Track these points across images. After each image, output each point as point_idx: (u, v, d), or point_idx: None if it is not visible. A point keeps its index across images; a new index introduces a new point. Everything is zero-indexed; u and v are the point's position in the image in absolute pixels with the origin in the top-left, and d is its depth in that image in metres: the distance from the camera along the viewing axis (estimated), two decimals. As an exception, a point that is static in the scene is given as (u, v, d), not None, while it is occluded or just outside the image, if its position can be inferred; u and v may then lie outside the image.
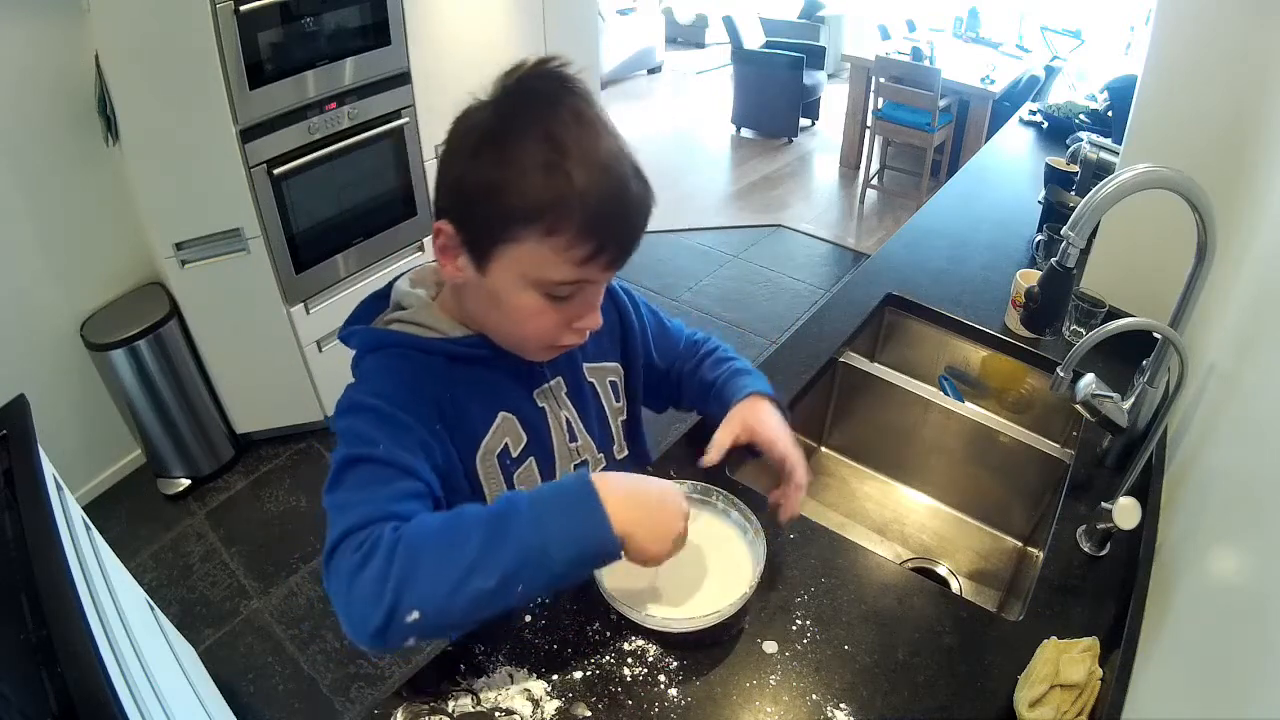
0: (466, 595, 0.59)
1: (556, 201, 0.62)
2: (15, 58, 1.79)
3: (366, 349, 0.75)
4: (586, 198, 0.62)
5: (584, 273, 0.65)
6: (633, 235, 0.67)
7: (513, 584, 0.61)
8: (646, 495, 0.68)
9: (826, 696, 0.77)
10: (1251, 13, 1.10)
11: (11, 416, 1.18)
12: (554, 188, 0.61)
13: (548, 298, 0.68)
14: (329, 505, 0.65)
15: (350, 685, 1.81)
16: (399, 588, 0.58)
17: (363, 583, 0.59)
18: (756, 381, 0.92)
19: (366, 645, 0.60)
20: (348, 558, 0.60)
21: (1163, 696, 0.65)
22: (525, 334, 0.72)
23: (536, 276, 0.66)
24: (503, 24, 2.63)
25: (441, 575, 0.59)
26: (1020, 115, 2.54)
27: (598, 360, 0.89)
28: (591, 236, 0.63)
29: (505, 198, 0.63)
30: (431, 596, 0.59)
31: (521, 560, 0.61)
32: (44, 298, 2.01)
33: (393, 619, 0.58)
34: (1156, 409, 1.04)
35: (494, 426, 0.78)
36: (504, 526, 0.62)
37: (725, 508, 0.87)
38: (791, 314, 3.28)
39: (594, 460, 0.89)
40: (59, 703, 0.84)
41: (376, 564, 0.59)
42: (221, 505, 2.30)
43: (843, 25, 6.38)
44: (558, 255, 0.64)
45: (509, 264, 0.66)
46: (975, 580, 1.28)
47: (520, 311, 0.69)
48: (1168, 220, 1.01)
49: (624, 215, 0.65)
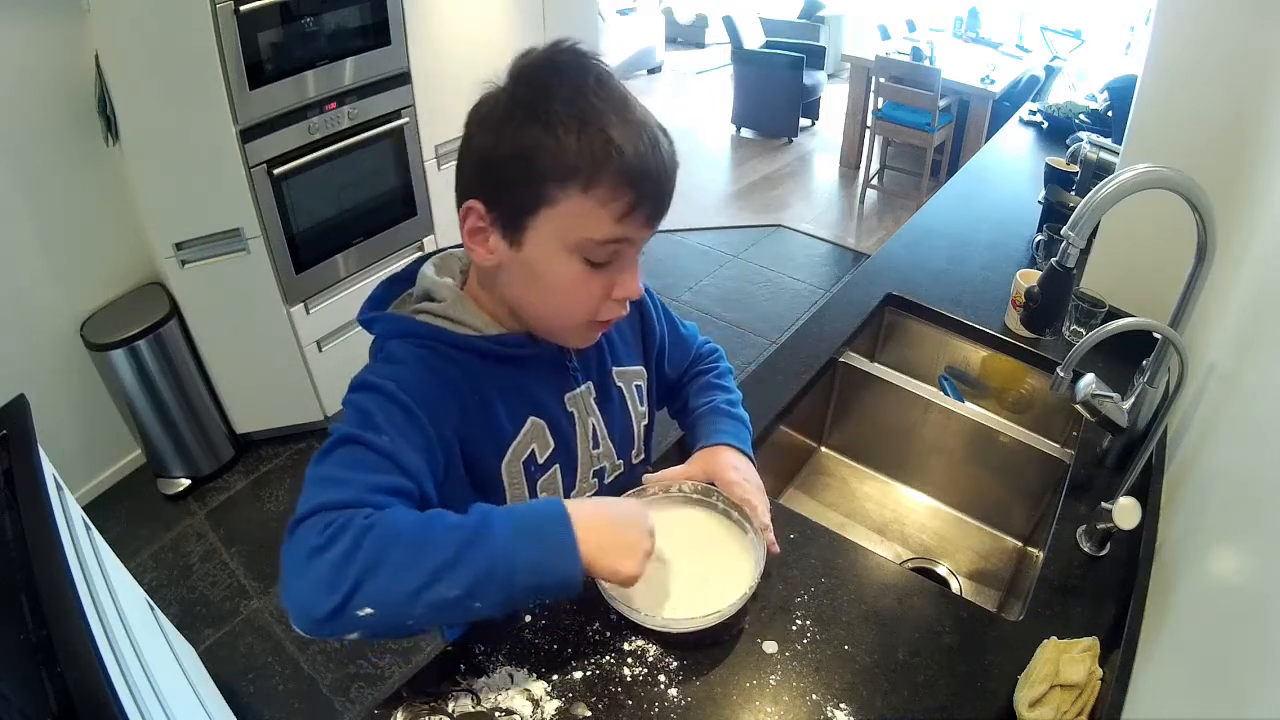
0: (426, 600, 0.58)
1: (593, 155, 0.61)
2: (15, 58, 1.79)
3: (389, 336, 0.72)
4: (624, 149, 0.62)
5: (624, 229, 0.65)
6: (668, 189, 0.66)
7: (472, 598, 0.60)
8: (612, 520, 0.68)
9: (826, 696, 0.77)
10: (1251, 13, 1.10)
11: (11, 416, 1.18)
12: (589, 142, 0.61)
13: (587, 263, 0.66)
14: (311, 475, 0.62)
15: (350, 685, 1.81)
16: (360, 579, 0.56)
17: (322, 564, 0.56)
18: (730, 431, 0.91)
19: (306, 628, 0.57)
20: (315, 535, 0.57)
21: (1163, 696, 0.65)
22: (567, 308, 0.70)
23: (577, 238, 0.65)
24: (503, 24, 2.63)
25: (406, 576, 0.58)
26: (1020, 115, 2.54)
27: (626, 364, 0.88)
28: (630, 188, 0.63)
29: (539, 159, 0.62)
30: (390, 595, 0.57)
31: (488, 577, 0.60)
32: (44, 298, 2.01)
33: (344, 609, 0.56)
34: (1156, 409, 1.04)
35: (523, 431, 0.76)
36: (477, 540, 0.61)
37: (725, 508, 0.87)
38: (791, 314, 3.28)
39: (612, 466, 0.88)
40: (59, 703, 0.84)
41: (341, 548, 0.57)
42: (221, 505, 2.30)
43: (843, 25, 6.38)
44: (598, 210, 0.63)
45: (546, 232, 0.65)
46: (975, 580, 1.28)
47: (560, 282, 0.67)
48: (1168, 220, 1.01)
49: (660, 169, 0.65)
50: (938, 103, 3.78)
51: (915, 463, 1.41)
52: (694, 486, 0.88)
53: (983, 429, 1.29)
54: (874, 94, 4.11)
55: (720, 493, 0.86)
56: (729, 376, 1.00)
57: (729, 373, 1.01)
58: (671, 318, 0.97)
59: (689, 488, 0.88)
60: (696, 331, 1.02)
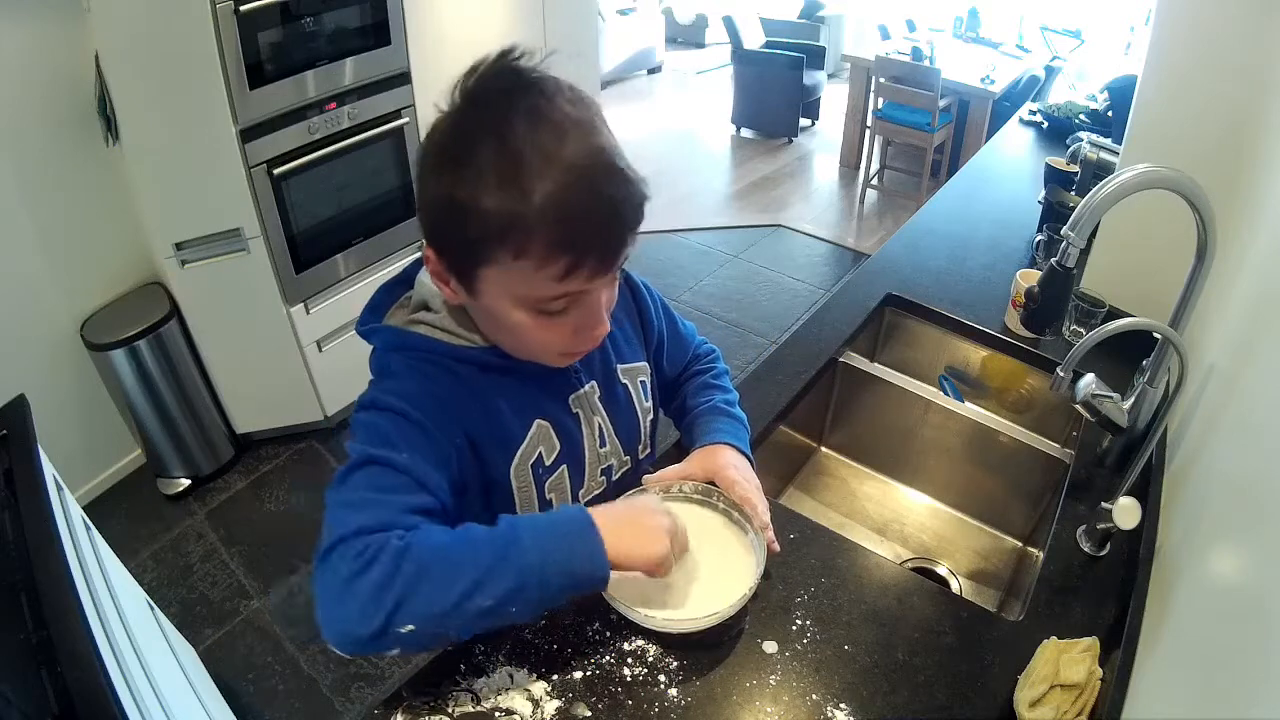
0: (465, 612, 0.60)
1: (515, 221, 0.57)
2: (15, 58, 1.79)
3: (389, 349, 0.72)
4: (547, 213, 0.56)
5: (567, 287, 0.61)
6: (613, 240, 0.61)
7: (508, 605, 0.62)
8: (631, 514, 0.71)
9: (826, 696, 0.77)
10: (1251, 13, 1.10)
11: (11, 416, 1.18)
12: (509, 206, 0.57)
13: (542, 314, 0.65)
14: (334, 500, 0.63)
15: (350, 685, 1.81)
16: (400, 598, 0.58)
17: (361, 588, 0.58)
18: (729, 430, 0.91)
19: (348, 649, 0.59)
20: (349, 561, 0.59)
21: (1163, 696, 0.65)
22: (533, 349, 0.70)
23: (522, 295, 0.63)
24: (503, 24, 2.63)
25: (445, 591, 0.60)
26: (1020, 115, 2.54)
27: (631, 360, 0.88)
28: (564, 251, 0.58)
29: (468, 220, 0.58)
30: (430, 610, 0.59)
31: (521, 583, 0.62)
32: (44, 298, 2.01)
33: (387, 629, 0.58)
34: (1156, 409, 1.04)
35: (530, 435, 0.76)
36: (510, 551, 0.63)
37: (726, 508, 0.86)
38: (791, 314, 3.28)
39: (619, 463, 0.88)
40: (59, 703, 0.84)
41: (379, 571, 0.58)
42: (221, 505, 2.30)
43: (843, 25, 6.38)
44: (536, 274, 0.60)
45: (494, 287, 0.63)
46: (975, 580, 1.28)
47: (520, 329, 0.66)
48: (1168, 220, 1.01)
49: (598, 222, 0.59)
50: (938, 103, 3.78)
51: (915, 463, 1.41)
52: (695, 486, 0.87)
53: (983, 429, 1.29)
54: (874, 94, 4.11)
55: (721, 493, 0.86)
56: (725, 377, 1.00)
57: (725, 373, 1.01)
58: (671, 315, 0.97)
59: (690, 488, 0.87)
60: (695, 331, 1.02)
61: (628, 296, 0.90)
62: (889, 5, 5.67)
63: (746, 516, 0.84)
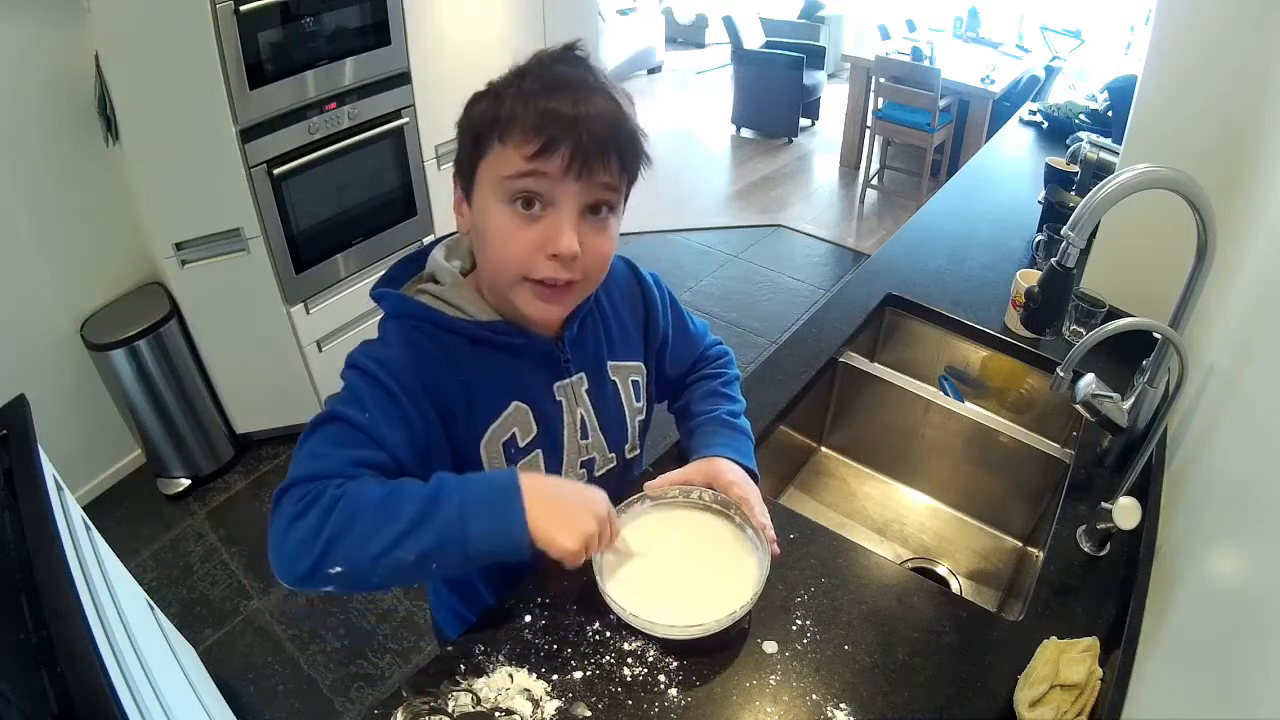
0: (386, 564, 0.65)
1: (513, 109, 0.67)
2: (15, 58, 1.79)
3: (392, 314, 0.77)
4: (535, 97, 0.66)
5: (533, 165, 0.67)
6: (589, 137, 0.66)
7: (428, 562, 0.67)
8: (565, 497, 0.74)
9: (826, 696, 0.77)
10: (1251, 13, 1.10)
11: (11, 416, 1.18)
12: (508, 97, 0.67)
13: (516, 212, 0.69)
14: (299, 448, 0.70)
15: (350, 685, 1.81)
16: (329, 543, 0.64)
17: (298, 530, 0.64)
18: (731, 445, 0.91)
19: (288, 583, 0.66)
20: (292, 504, 0.65)
21: (1163, 696, 0.65)
22: (501, 260, 0.72)
23: (498, 180, 0.69)
24: (503, 24, 2.63)
25: (368, 542, 0.65)
26: (1020, 115, 2.54)
27: (624, 359, 0.89)
28: (540, 133, 0.66)
29: (477, 119, 0.70)
30: (355, 558, 0.65)
31: (441, 544, 0.66)
32: (44, 298, 2.01)
33: (318, 569, 0.64)
34: (1156, 409, 1.04)
35: (504, 414, 0.79)
36: (431, 510, 0.67)
37: (742, 524, 0.86)
38: (791, 314, 3.28)
39: (603, 459, 0.89)
40: (59, 703, 0.84)
41: (313, 517, 0.64)
42: (221, 505, 2.30)
43: (843, 25, 6.38)
44: (512, 154, 0.67)
45: (483, 183, 0.71)
46: (975, 580, 1.28)
47: (495, 232, 0.71)
48: (1168, 220, 1.01)
49: (576, 119, 0.66)
50: (938, 103, 3.78)
51: (915, 463, 1.41)
52: (714, 496, 0.87)
53: (983, 429, 1.29)
54: (874, 94, 4.11)
55: (724, 498, 0.86)
56: (735, 385, 0.99)
57: (735, 380, 1.00)
58: (680, 314, 0.97)
59: (709, 496, 0.87)
60: (707, 330, 1.01)
61: (635, 296, 0.91)
62: (889, 5, 5.67)
63: (747, 519, 0.84)
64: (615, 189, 0.71)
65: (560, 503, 0.72)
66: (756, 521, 0.83)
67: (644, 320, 0.91)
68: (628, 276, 0.91)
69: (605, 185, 0.69)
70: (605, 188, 0.70)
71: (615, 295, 0.88)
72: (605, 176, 0.69)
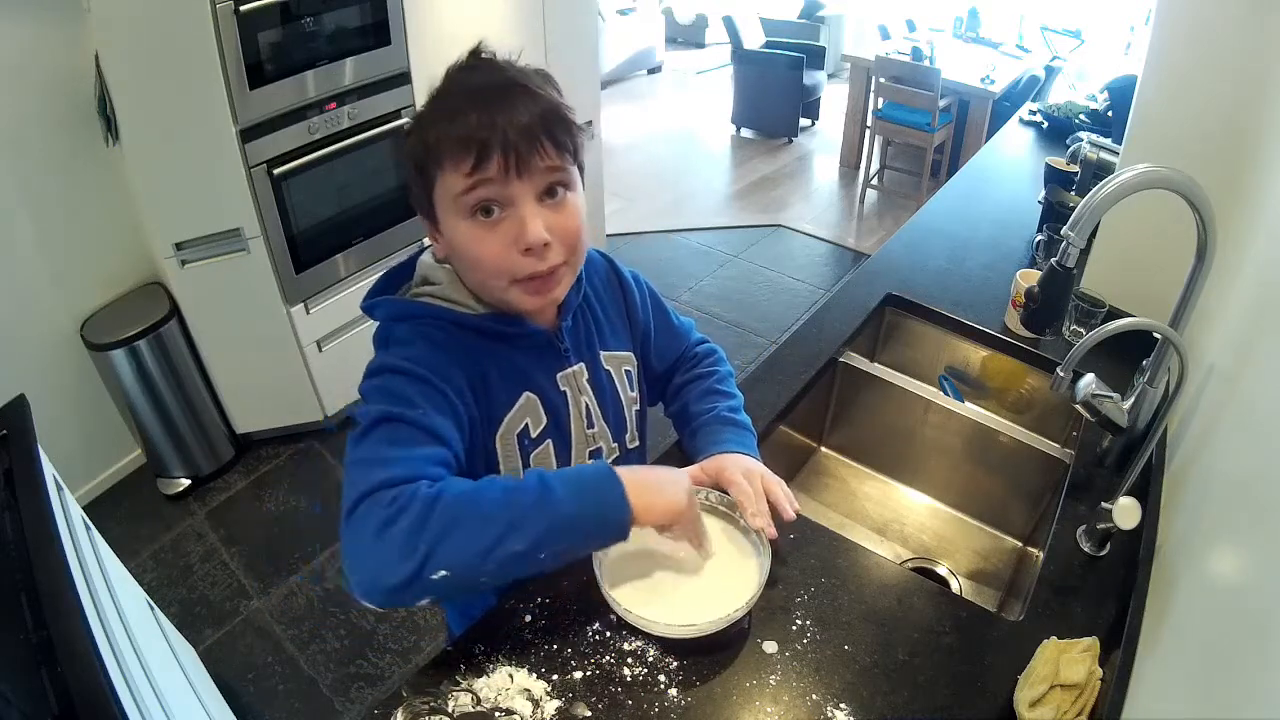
0: (498, 556, 0.64)
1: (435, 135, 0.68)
2: (15, 58, 1.79)
3: (393, 318, 0.77)
4: (455, 118, 0.67)
5: (477, 177, 0.67)
6: (514, 132, 0.67)
7: (539, 549, 0.66)
8: (653, 475, 0.76)
9: (826, 696, 0.77)
10: (1251, 13, 1.10)
11: (11, 416, 1.18)
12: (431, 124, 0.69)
13: (477, 220, 0.70)
14: (354, 459, 0.66)
15: (350, 685, 1.81)
16: (434, 544, 0.61)
17: (392, 536, 0.61)
18: (735, 440, 0.91)
19: (378, 599, 0.62)
20: (378, 511, 0.62)
21: (1163, 696, 0.65)
22: (484, 270, 0.73)
23: (452, 198, 0.69)
24: (503, 24, 2.63)
25: (478, 536, 0.63)
26: (1020, 115, 2.54)
27: (615, 349, 0.90)
28: (468, 148, 0.67)
29: (412, 153, 0.71)
30: (464, 555, 0.63)
31: (550, 530, 0.66)
32: (44, 298, 2.01)
33: (420, 574, 0.61)
34: (1156, 409, 1.04)
35: (517, 405, 0.80)
36: (538, 497, 0.67)
37: (731, 514, 0.87)
38: (791, 314, 3.28)
39: (608, 449, 0.89)
40: (59, 703, 0.84)
41: (410, 519, 0.61)
42: (221, 505, 2.30)
43: (843, 25, 6.37)
44: (454, 175, 0.68)
45: (441, 207, 0.71)
46: (975, 580, 1.28)
47: (468, 247, 0.71)
48: (1168, 220, 1.01)
49: (493, 120, 0.66)
50: (938, 103, 3.78)
51: (915, 463, 1.41)
52: (719, 498, 0.88)
53: (983, 429, 1.29)
54: (874, 94, 4.10)
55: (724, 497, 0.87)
56: (730, 380, 1.00)
57: (729, 376, 1.00)
58: (662, 308, 0.98)
59: (715, 498, 0.88)
60: (692, 327, 1.02)
61: (615, 287, 0.92)
62: (889, 5, 5.67)
63: (762, 536, 0.84)
64: (559, 168, 0.71)
65: (653, 480, 0.75)
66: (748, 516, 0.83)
67: (624, 308, 0.92)
68: (606, 269, 0.92)
69: (549, 169, 0.70)
70: (549, 170, 0.70)
71: (598, 286, 0.90)
72: (545, 161, 0.69)
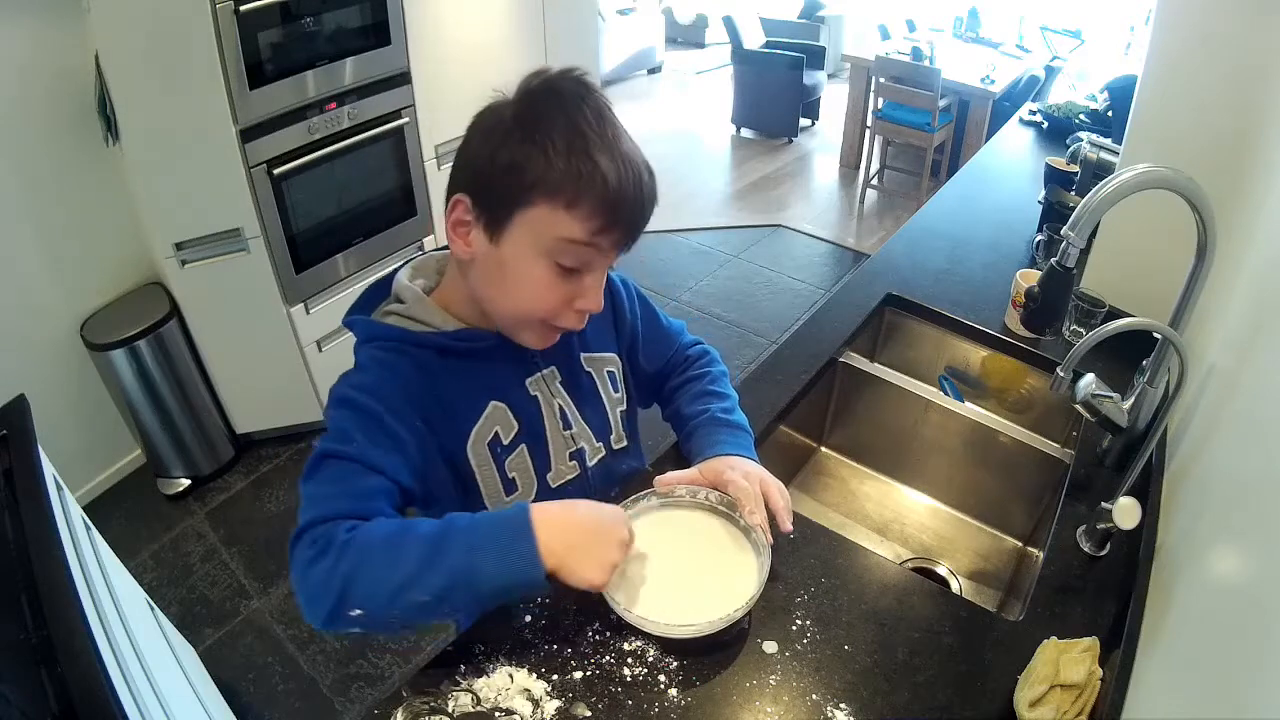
0: (402, 605, 0.65)
1: (579, 177, 0.67)
2: (15, 58, 1.79)
3: (363, 339, 0.78)
4: (607, 178, 0.67)
5: (594, 240, 0.69)
6: (641, 221, 0.72)
7: (444, 602, 0.66)
8: (583, 527, 0.71)
9: (826, 696, 0.77)
10: (1251, 13, 1.10)
11: (11, 416, 1.18)
12: (577, 165, 0.67)
13: (557, 268, 0.71)
14: (302, 494, 0.69)
15: (350, 685, 1.81)
16: (344, 587, 0.64)
17: (314, 575, 0.64)
18: (730, 441, 0.91)
19: (316, 626, 0.66)
20: (305, 550, 0.65)
21: (1163, 696, 0.65)
22: (529, 307, 0.74)
23: (551, 239, 0.69)
24: (503, 24, 2.63)
25: (381, 584, 0.65)
26: (1020, 115, 2.54)
27: (597, 350, 0.90)
28: (606, 212, 0.68)
29: (530, 173, 0.67)
30: (372, 600, 0.65)
31: (452, 583, 0.66)
32: (44, 298, 2.01)
33: (338, 612, 0.64)
34: (1156, 409, 1.04)
35: (484, 415, 0.80)
36: (440, 548, 0.66)
37: (748, 526, 0.86)
38: (791, 314, 3.28)
39: (592, 449, 0.89)
40: (59, 703, 0.84)
41: (327, 561, 0.64)
42: (221, 505, 2.30)
43: (843, 25, 6.37)
44: (574, 223, 0.68)
45: (524, 232, 0.70)
46: (975, 580, 1.28)
47: (528, 281, 0.72)
48: (1168, 220, 1.01)
49: (638, 200, 0.70)
50: (938, 103, 3.78)
51: (915, 463, 1.41)
52: (719, 498, 0.87)
53: (983, 429, 1.29)
54: (874, 94, 4.10)
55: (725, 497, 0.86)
56: (723, 380, 0.99)
57: (723, 376, 1.00)
58: (651, 310, 0.98)
59: (715, 498, 0.88)
60: (683, 329, 1.02)
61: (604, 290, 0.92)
62: (889, 5, 5.67)
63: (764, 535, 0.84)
64: None
65: (580, 533, 0.70)
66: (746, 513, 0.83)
67: (611, 312, 0.92)
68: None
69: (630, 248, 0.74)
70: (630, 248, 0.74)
71: None
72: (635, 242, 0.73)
